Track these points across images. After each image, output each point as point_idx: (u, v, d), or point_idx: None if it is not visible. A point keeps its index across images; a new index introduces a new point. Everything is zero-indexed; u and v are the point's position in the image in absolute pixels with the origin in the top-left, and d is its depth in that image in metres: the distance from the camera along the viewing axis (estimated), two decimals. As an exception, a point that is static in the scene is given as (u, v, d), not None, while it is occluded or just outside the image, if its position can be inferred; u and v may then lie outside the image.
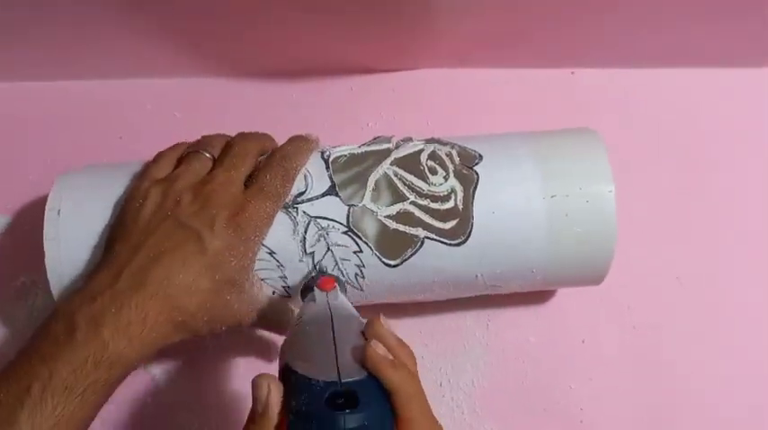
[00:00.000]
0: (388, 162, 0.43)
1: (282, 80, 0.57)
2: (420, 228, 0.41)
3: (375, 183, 0.42)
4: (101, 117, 0.57)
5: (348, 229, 0.41)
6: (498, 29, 0.51)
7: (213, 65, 0.57)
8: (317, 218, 0.41)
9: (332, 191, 0.42)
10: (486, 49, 0.55)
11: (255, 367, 0.50)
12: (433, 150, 0.44)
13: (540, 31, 0.52)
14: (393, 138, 0.45)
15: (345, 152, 0.43)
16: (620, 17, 0.50)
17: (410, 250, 0.41)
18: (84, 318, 0.35)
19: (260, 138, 0.43)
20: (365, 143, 0.45)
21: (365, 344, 0.33)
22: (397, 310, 0.51)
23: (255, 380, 0.33)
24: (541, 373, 0.50)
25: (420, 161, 0.43)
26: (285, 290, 0.42)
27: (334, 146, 0.44)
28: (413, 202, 0.41)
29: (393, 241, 0.41)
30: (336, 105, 0.57)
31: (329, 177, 0.42)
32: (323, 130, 0.45)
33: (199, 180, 0.41)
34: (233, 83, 0.57)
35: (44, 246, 0.41)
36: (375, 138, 0.45)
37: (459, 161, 0.43)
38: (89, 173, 0.45)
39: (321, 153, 0.44)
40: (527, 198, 0.42)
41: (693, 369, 0.51)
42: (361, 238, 0.41)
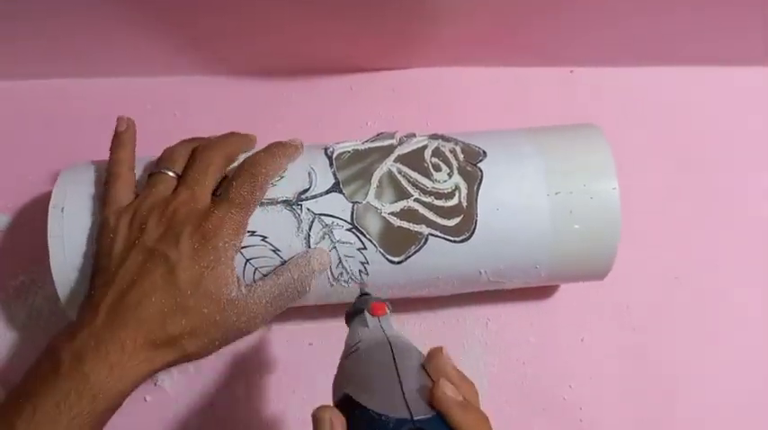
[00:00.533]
0: (392, 159, 0.43)
1: (281, 79, 0.57)
2: (424, 225, 0.41)
3: (379, 180, 0.42)
4: (100, 116, 0.56)
5: (352, 226, 0.41)
6: (497, 27, 0.51)
7: (213, 64, 0.56)
8: (321, 215, 0.41)
9: (336, 188, 0.42)
10: (486, 47, 0.55)
11: (255, 367, 0.50)
12: (436, 147, 0.44)
13: (539, 29, 0.52)
14: (396, 134, 0.45)
15: (349, 148, 0.43)
16: (618, 15, 0.50)
17: (414, 247, 0.41)
18: (67, 354, 0.36)
19: (225, 146, 0.43)
20: (368, 139, 0.45)
21: (434, 385, 0.32)
22: (396, 308, 0.50)
23: (317, 415, 0.31)
24: (541, 373, 0.50)
25: (424, 158, 0.43)
26: None
27: (338, 142, 0.44)
28: (417, 199, 0.42)
29: (397, 238, 0.41)
30: (335, 104, 0.57)
31: (333, 174, 0.42)
32: (322, 129, 0.45)
33: (162, 201, 0.40)
34: (232, 82, 0.57)
35: (48, 243, 0.41)
36: (378, 135, 0.45)
37: (464, 158, 0.43)
38: (92, 169, 0.45)
39: (324, 149, 0.44)
40: (531, 195, 0.42)
41: (692, 368, 0.51)
42: (365, 235, 0.41)
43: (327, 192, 0.42)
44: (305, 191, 0.42)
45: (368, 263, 0.41)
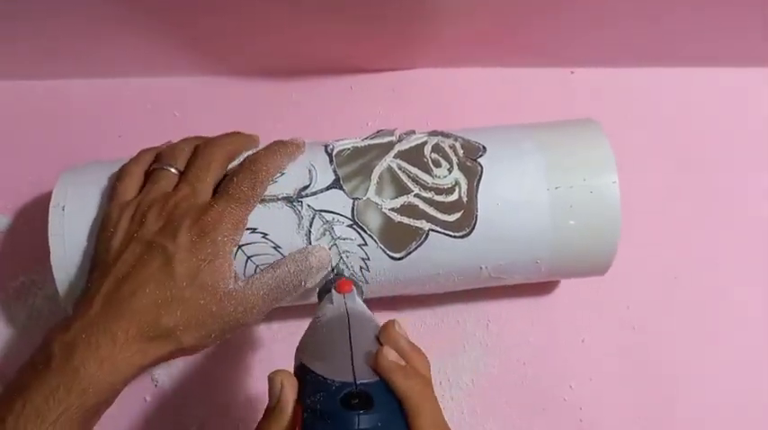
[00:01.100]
0: (392, 155, 0.43)
1: (282, 79, 0.57)
2: (424, 220, 0.41)
3: (379, 176, 0.42)
4: (100, 116, 0.57)
5: (353, 222, 0.41)
6: (497, 28, 0.51)
7: (213, 64, 0.56)
8: (321, 211, 0.41)
9: (336, 184, 0.42)
10: (486, 48, 0.55)
11: (255, 367, 0.50)
12: (436, 143, 0.44)
13: (540, 30, 0.52)
14: (396, 131, 0.45)
15: (349, 146, 0.44)
16: (619, 16, 0.50)
17: (415, 243, 0.41)
18: (60, 346, 0.36)
19: (227, 144, 0.43)
20: (368, 136, 0.45)
21: (378, 350, 0.33)
22: (395, 309, 0.51)
23: (271, 376, 0.33)
24: (541, 373, 0.50)
25: (424, 154, 0.43)
26: None
27: (338, 139, 0.44)
28: (417, 195, 0.42)
29: (397, 234, 0.41)
30: (336, 104, 0.57)
31: (333, 171, 0.42)
32: (322, 129, 0.45)
33: (163, 196, 0.41)
34: (233, 82, 0.57)
35: (49, 241, 0.41)
36: (378, 132, 0.45)
37: (463, 153, 0.43)
38: (93, 169, 0.45)
39: (325, 147, 0.44)
40: (531, 190, 0.42)
41: (692, 368, 0.51)
42: (365, 231, 0.41)
43: (328, 189, 0.42)
44: (305, 187, 0.42)
45: (369, 259, 0.41)
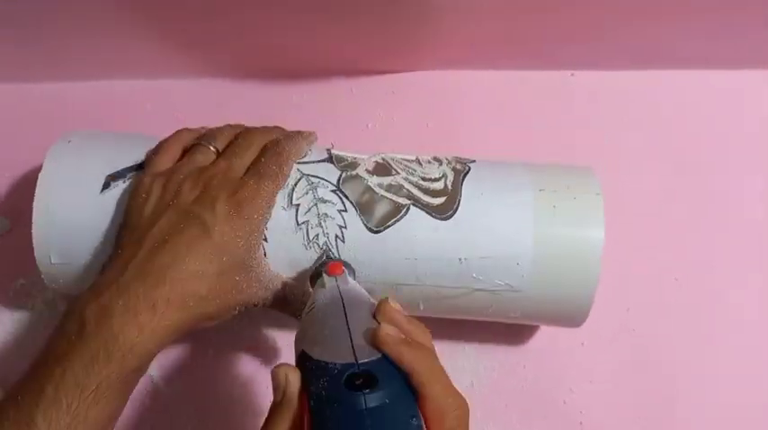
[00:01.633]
0: (385, 153, 0.45)
1: (283, 81, 0.57)
2: (407, 198, 0.42)
3: (371, 163, 0.44)
4: (101, 118, 0.57)
5: (337, 188, 0.42)
6: (498, 31, 0.51)
7: (214, 66, 0.57)
8: (308, 175, 0.42)
9: (329, 160, 0.44)
10: (486, 50, 0.54)
11: (255, 368, 0.50)
12: (428, 156, 0.46)
13: (540, 33, 0.51)
14: None
15: (348, 155, 0.45)
16: (619, 19, 0.50)
17: (394, 218, 0.42)
18: (93, 312, 0.35)
19: (266, 133, 0.44)
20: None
21: (377, 327, 0.33)
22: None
23: (274, 371, 0.33)
24: (541, 376, 0.50)
25: (416, 157, 0.45)
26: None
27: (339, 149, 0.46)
28: (405, 178, 0.43)
29: (379, 206, 0.42)
30: (336, 106, 0.57)
31: (328, 152, 0.44)
32: (323, 131, 0.45)
33: (199, 168, 0.41)
34: (233, 84, 0.58)
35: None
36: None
37: (454, 159, 0.45)
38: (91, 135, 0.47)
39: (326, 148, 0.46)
40: (515, 188, 0.43)
41: (693, 371, 0.51)
42: (347, 198, 0.42)
43: (320, 162, 0.43)
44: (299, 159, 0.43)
45: (346, 227, 0.41)
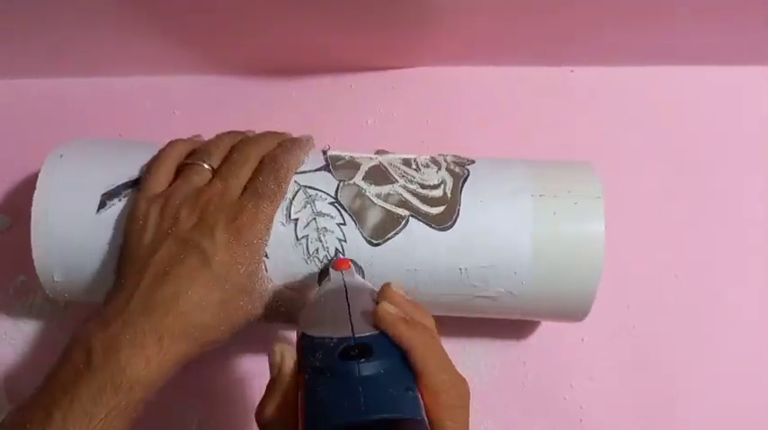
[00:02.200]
0: (382, 156, 0.44)
1: (282, 77, 0.57)
2: (406, 209, 0.42)
3: (368, 168, 0.43)
4: (100, 115, 0.57)
5: (335, 200, 0.41)
6: (497, 27, 0.51)
7: (213, 62, 0.56)
8: (306, 187, 0.42)
9: (325, 168, 0.43)
10: (486, 46, 0.54)
11: (256, 366, 0.51)
12: (426, 156, 0.45)
13: (540, 29, 0.51)
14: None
15: (345, 154, 0.45)
16: (619, 15, 0.49)
17: (394, 230, 0.41)
18: (100, 343, 0.35)
19: (262, 144, 0.43)
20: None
21: (378, 305, 0.33)
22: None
23: (270, 349, 0.33)
24: (541, 372, 0.50)
25: (414, 159, 0.44)
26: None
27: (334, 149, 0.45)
28: (403, 186, 0.42)
29: (378, 218, 0.41)
30: (336, 103, 0.57)
31: (324, 159, 0.44)
32: (322, 128, 0.45)
33: (196, 191, 0.40)
34: (232, 80, 0.57)
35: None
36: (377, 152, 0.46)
37: (452, 160, 0.44)
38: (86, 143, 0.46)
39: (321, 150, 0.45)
40: (514, 193, 0.42)
41: (692, 368, 0.51)
42: (346, 211, 0.41)
43: (316, 171, 0.43)
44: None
45: (345, 240, 0.41)
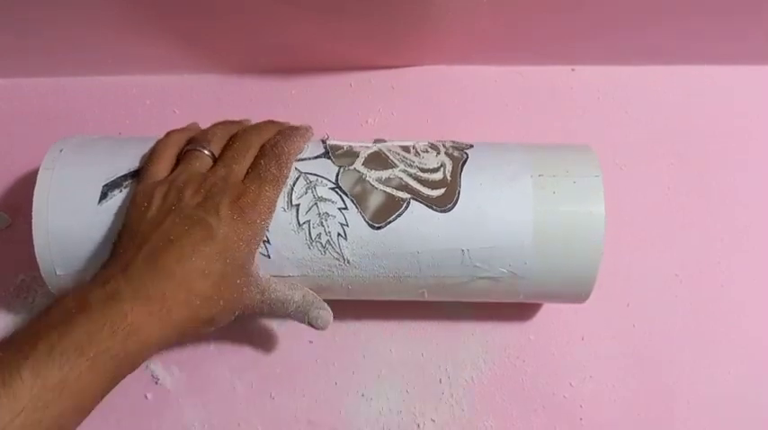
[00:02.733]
0: (381, 143, 0.45)
1: (281, 76, 0.57)
2: (407, 192, 0.42)
3: (368, 155, 0.43)
4: (100, 113, 0.57)
5: (336, 186, 0.42)
6: (498, 25, 0.51)
7: (212, 61, 0.56)
8: (306, 173, 0.42)
9: (325, 155, 0.43)
10: (486, 45, 0.54)
11: (256, 365, 0.51)
12: (425, 142, 0.45)
13: (541, 27, 0.51)
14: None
15: (344, 143, 0.45)
16: (620, 14, 0.49)
17: (395, 213, 0.42)
18: (98, 297, 0.34)
19: (262, 133, 0.43)
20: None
21: None
22: (396, 309, 0.51)
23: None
24: (541, 371, 0.50)
25: (413, 145, 0.45)
26: (265, 243, 0.42)
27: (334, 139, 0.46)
28: (403, 170, 0.43)
29: (379, 202, 0.42)
30: (335, 101, 0.57)
31: (324, 147, 0.44)
32: (322, 126, 0.46)
33: (199, 175, 0.41)
34: (232, 79, 0.57)
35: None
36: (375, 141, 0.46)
37: (451, 145, 0.45)
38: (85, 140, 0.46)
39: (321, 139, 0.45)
40: (514, 175, 0.42)
41: (693, 366, 0.51)
42: (347, 195, 0.42)
43: (316, 158, 0.43)
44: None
45: (347, 225, 0.41)
